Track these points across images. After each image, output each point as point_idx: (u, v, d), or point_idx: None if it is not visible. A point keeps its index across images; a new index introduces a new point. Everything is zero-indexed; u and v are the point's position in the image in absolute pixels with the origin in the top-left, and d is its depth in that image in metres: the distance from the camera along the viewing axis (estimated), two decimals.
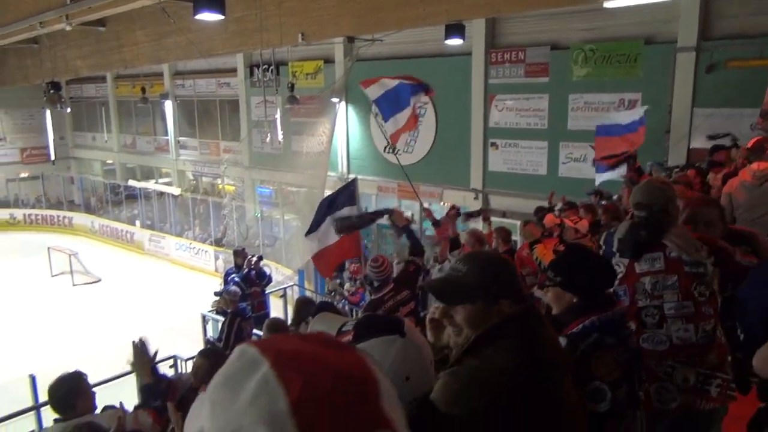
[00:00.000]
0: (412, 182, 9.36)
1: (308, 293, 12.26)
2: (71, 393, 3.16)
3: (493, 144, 13.07)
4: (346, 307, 10.24)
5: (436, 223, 6.90)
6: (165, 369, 6.76)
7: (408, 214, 11.36)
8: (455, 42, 10.16)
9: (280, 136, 14.82)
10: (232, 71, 18.75)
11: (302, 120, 16.21)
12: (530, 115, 12.43)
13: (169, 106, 21.41)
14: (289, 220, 16.69)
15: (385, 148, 14.85)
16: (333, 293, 12.07)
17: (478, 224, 8.00)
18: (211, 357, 4.16)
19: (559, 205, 7.45)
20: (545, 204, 7.97)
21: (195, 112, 21.37)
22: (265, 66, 16.37)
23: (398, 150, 8.05)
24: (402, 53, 14.24)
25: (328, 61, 16.04)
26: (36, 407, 6.36)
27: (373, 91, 8.05)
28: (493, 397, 1.40)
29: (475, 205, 12.37)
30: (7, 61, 18.88)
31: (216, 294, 7.55)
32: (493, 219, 10.46)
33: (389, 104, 7.91)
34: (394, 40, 13.41)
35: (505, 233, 6.18)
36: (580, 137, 11.49)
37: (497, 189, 13.10)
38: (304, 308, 4.88)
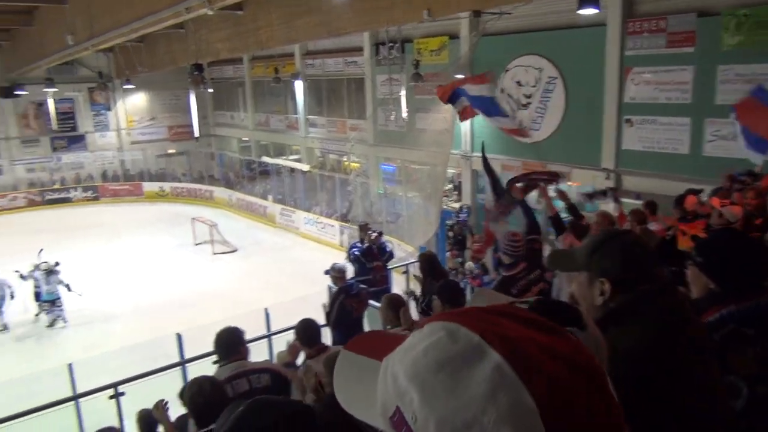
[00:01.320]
0: (538, 161, 9.09)
1: None
2: (235, 341, 3.57)
3: (627, 120, 12.31)
4: (467, 288, 10.24)
5: (572, 209, 6.31)
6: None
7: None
8: (589, 12, 9.64)
9: (405, 114, 14.96)
10: (359, 50, 19.15)
11: (426, 97, 16.24)
12: (671, 88, 11.52)
13: (299, 85, 22.35)
14: (411, 197, 16.88)
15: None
16: (455, 272, 12.11)
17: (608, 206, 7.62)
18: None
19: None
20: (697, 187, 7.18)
21: (323, 90, 22.14)
22: (391, 44, 16.54)
23: (532, 126, 7.75)
24: (530, 26, 13.76)
25: (453, 36, 15.87)
26: (182, 363, 7.06)
27: (471, 90, 7.94)
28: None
29: (606, 186, 11.76)
30: (157, 46, 20.63)
31: (325, 272, 7.60)
32: (626, 201, 9.92)
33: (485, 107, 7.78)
34: (523, 12, 12.97)
35: (640, 215, 5.83)
36: (729, 113, 10.50)
37: (631, 169, 12.35)
38: (310, 332, 4.47)
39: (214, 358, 6.14)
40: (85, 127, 27.83)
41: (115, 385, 5.92)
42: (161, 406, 3.79)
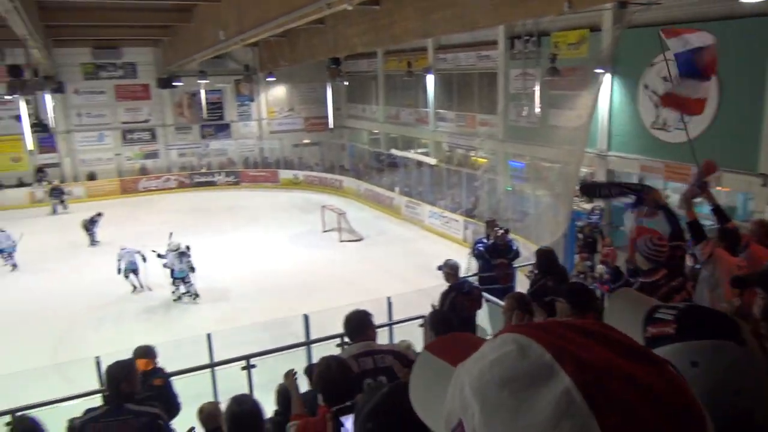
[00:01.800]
0: (683, 163, 8.41)
1: None
2: (364, 323, 3.71)
3: None
4: (598, 292, 9.75)
5: (719, 213, 5.55)
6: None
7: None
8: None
9: (538, 110, 14.51)
10: (493, 43, 18.84)
11: (562, 93, 15.63)
12: None
13: (430, 79, 22.44)
14: (540, 196, 16.37)
15: (653, 123, 13.58)
16: (582, 276, 11.59)
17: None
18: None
19: None
20: None
21: (454, 85, 22.06)
22: (527, 37, 16.09)
23: (687, 121, 6.78)
24: (682, 17, 12.74)
25: (594, 29, 15.12)
26: (308, 343, 7.40)
27: (675, 44, 6.72)
28: None
29: (763, 194, 10.67)
30: (298, 41, 21.60)
31: (438, 268, 7.40)
32: None
33: (688, 66, 6.55)
34: (674, 2, 12.06)
35: None
36: None
37: None
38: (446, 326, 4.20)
39: (338, 341, 6.38)
40: (230, 116, 29.94)
41: (247, 357, 6.32)
42: (291, 375, 3.99)
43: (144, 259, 14.61)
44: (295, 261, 16.67)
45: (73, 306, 13.56)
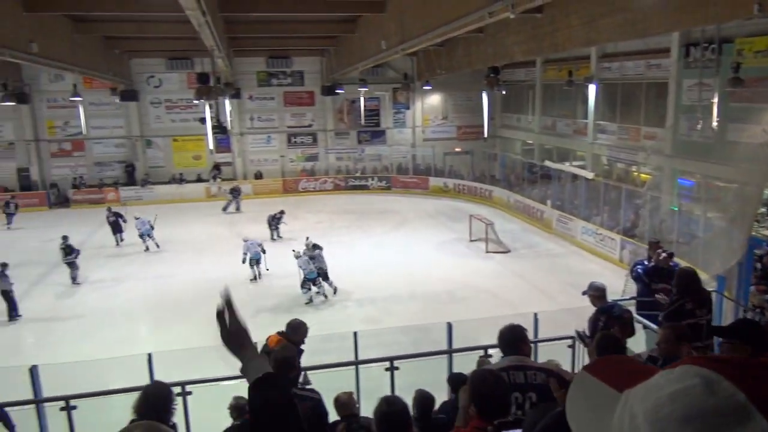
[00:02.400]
0: None
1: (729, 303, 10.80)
2: (517, 337, 3.64)
3: None
4: None
5: None
6: None
7: None
8: None
9: (715, 123, 13.25)
10: (665, 51, 17.52)
11: (745, 105, 14.12)
12: None
13: (592, 89, 21.42)
14: (712, 218, 14.91)
15: None
16: (759, 310, 10.35)
17: None
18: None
19: None
20: None
21: (618, 95, 20.85)
22: (706, 44, 14.78)
23: None
24: None
25: None
26: (449, 351, 7.37)
27: None
28: None
29: None
30: (456, 50, 21.74)
31: (583, 293, 6.93)
32: None
33: None
34: None
35: None
36: None
37: None
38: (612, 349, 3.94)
39: (480, 352, 6.30)
40: (386, 123, 30.89)
41: (391, 359, 6.45)
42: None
43: (263, 251, 15.87)
44: (440, 268, 16.74)
45: (237, 294, 14.74)
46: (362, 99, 27.92)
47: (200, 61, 23.67)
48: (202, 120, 15.24)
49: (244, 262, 15.91)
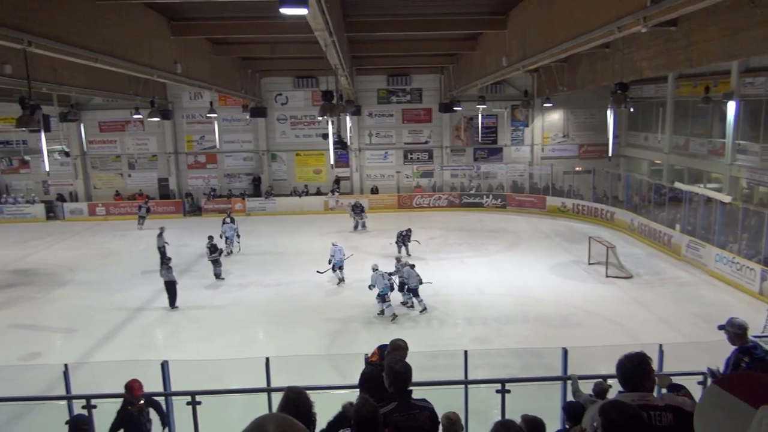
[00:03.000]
0: None
1: None
2: (639, 371, 3.31)
3: None
4: None
5: None
6: None
7: None
8: None
9: None
10: None
11: None
12: None
13: (731, 106, 19.81)
14: None
15: None
16: None
17: None
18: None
19: None
20: None
21: (762, 113, 19.10)
22: None
23: None
24: None
25: None
26: (563, 378, 7.04)
27: None
28: None
29: None
30: (580, 66, 21.03)
31: (719, 327, 6.21)
32: None
33: None
34: None
35: None
36: None
37: None
38: None
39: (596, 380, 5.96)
40: (503, 140, 30.44)
41: (502, 381, 6.27)
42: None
43: (343, 255, 16.58)
44: (555, 290, 16.12)
45: (354, 306, 15.10)
46: (480, 116, 27.72)
47: (324, 79, 24.65)
48: (325, 135, 15.84)
49: (330, 263, 16.69)
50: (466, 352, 7.19)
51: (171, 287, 15.31)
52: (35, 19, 8.99)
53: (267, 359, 7.13)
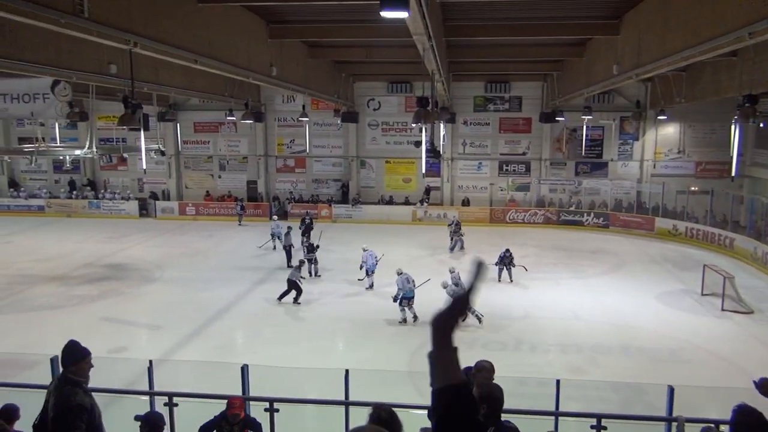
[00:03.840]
0: None
1: None
2: (758, 425, 3.11)
3: None
4: None
5: None
6: None
7: None
8: None
9: None
10: None
11: None
12: None
13: None
14: None
15: None
16: None
17: None
18: None
19: None
20: None
21: None
22: None
23: None
24: None
25: None
26: (668, 419, 6.67)
27: None
28: None
29: None
30: (701, 76, 19.96)
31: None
32: None
33: None
34: None
35: None
36: None
37: None
38: None
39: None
40: (609, 155, 29.37)
41: (598, 416, 6.02)
42: None
43: (376, 260, 17.58)
44: (662, 322, 15.30)
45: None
46: (585, 127, 26.86)
47: (419, 84, 24.85)
48: (417, 143, 15.98)
49: (361, 268, 17.67)
50: (558, 381, 6.97)
51: (295, 286, 16.33)
52: (141, 21, 9.68)
53: (347, 372, 7.23)
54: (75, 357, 4.27)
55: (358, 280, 18.17)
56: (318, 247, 19.34)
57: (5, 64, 11.27)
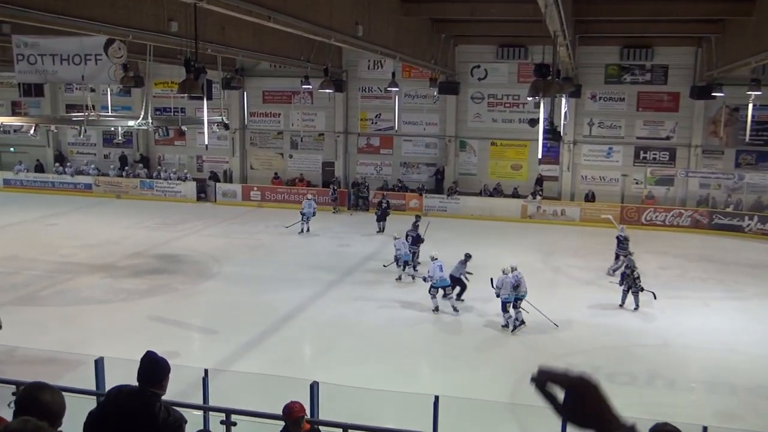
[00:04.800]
0: None
1: None
2: None
3: None
4: None
5: None
6: None
7: None
8: None
9: None
10: None
11: None
12: None
13: None
14: None
15: None
16: None
17: None
18: None
19: None
20: None
21: None
22: None
23: None
24: None
25: None
26: None
27: None
28: None
29: None
30: None
31: None
32: None
33: None
34: None
35: None
36: None
37: None
38: None
39: None
40: None
41: None
42: None
43: (414, 254, 19.62)
44: None
45: (564, 348, 14.85)
46: (750, 106, 25.48)
47: (537, 49, 24.50)
48: (532, 122, 15.69)
49: (396, 262, 19.32)
50: (705, 428, 6.70)
51: (459, 283, 17.12)
52: None
53: (436, 398, 7.25)
54: (159, 374, 4.37)
55: (384, 266, 19.98)
56: (423, 240, 20.26)
57: (55, 20, 12.00)
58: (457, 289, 17.17)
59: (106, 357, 8.48)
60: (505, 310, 15.40)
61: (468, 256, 17.53)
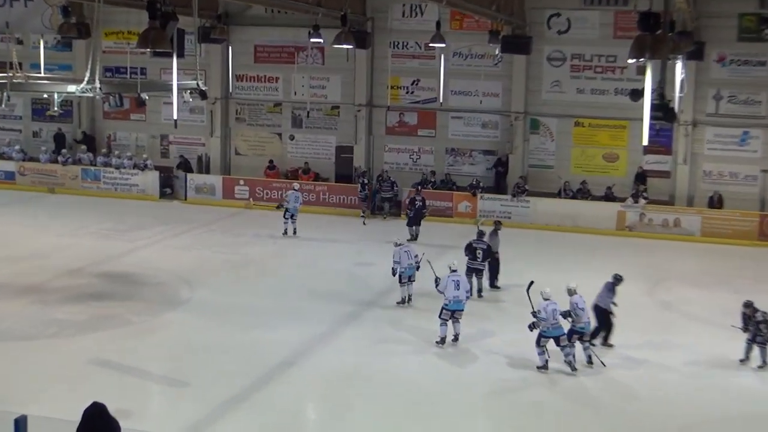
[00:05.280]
0: None
1: None
2: None
3: None
4: None
5: None
6: None
7: None
8: None
9: None
10: None
11: None
12: None
13: None
14: None
15: None
16: None
17: None
18: None
19: None
20: None
21: None
22: None
23: None
24: None
25: None
26: None
27: None
28: None
29: None
30: None
31: None
32: None
33: None
34: None
35: None
36: None
37: None
38: None
39: None
40: None
41: None
42: None
43: (417, 267, 19.86)
44: None
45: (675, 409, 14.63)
46: None
47: None
48: (635, 93, 15.45)
49: (394, 274, 19.88)
50: None
51: (604, 318, 16.75)
52: None
53: None
54: None
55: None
56: (496, 254, 21.17)
57: None
58: (596, 327, 16.60)
59: (30, 415, 8.38)
60: (539, 344, 15.64)
61: (618, 279, 17.09)
